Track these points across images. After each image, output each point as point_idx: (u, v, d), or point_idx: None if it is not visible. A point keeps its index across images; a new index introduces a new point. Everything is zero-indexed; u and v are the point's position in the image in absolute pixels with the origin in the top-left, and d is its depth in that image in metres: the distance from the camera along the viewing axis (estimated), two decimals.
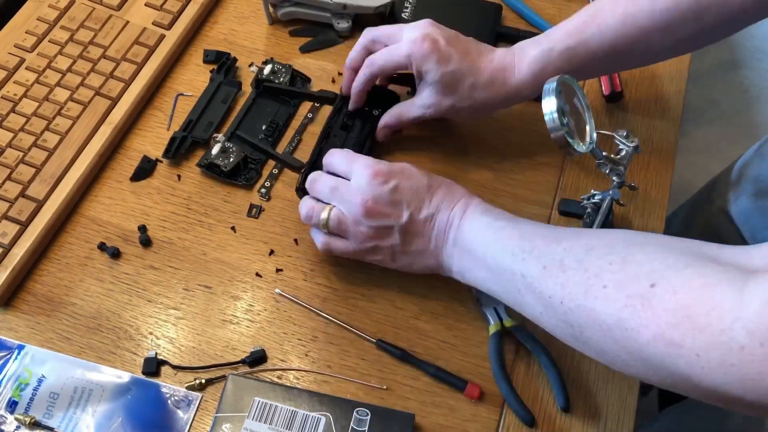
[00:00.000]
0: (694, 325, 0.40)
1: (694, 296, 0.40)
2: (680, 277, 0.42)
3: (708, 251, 0.45)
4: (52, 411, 0.58)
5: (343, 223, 0.60)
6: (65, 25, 0.76)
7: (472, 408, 0.60)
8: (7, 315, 0.62)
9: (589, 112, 0.64)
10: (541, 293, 0.51)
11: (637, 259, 0.45)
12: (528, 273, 0.52)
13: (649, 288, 0.43)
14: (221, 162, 0.69)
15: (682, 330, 0.40)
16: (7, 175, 0.66)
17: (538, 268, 0.51)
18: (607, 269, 0.46)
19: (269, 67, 0.76)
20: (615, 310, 0.44)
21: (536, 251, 0.52)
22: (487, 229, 0.56)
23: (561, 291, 0.49)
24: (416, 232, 0.59)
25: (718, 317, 0.39)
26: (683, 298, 0.41)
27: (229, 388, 0.58)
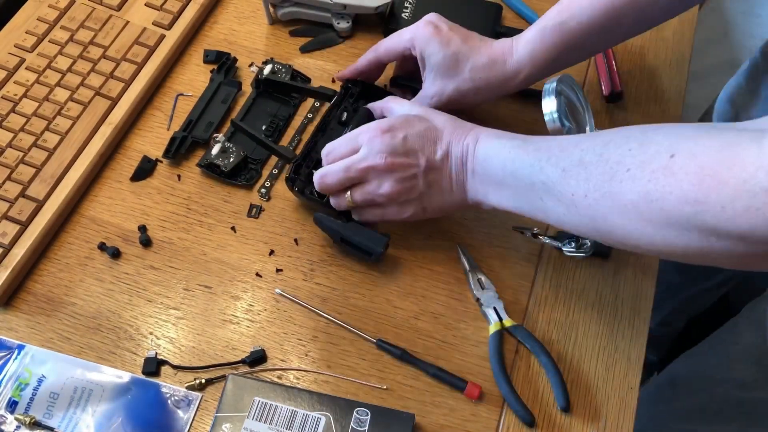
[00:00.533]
0: (718, 181, 0.41)
1: (715, 156, 0.42)
2: (698, 143, 0.44)
3: (723, 126, 0.46)
4: (52, 411, 0.58)
5: (369, 192, 0.62)
6: (65, 25, 0.76)
7: (472, 408, 0.60)
8: (7, 315, 0.62)
9: (589, 112, 0.64)
10: (562, 194, 0.52)
11: (656, 140, 0.47)
12: (548, 179, 0.53)
13: (669, 159, 0.44)
14: (221, 162, 0.69)
15: (706, 187, 0.42)
16: (7, 175, 0.66)
17: (557, 172, 0.53)
18: (627, 155, 0.48)
19: (269, 67, 0.76)
20: (640, 186, 0.46)
21: (553, 158, 0.53)
22: (501, 149, 0.58)
23: (585, 185, 0.50)
24: (437, 173, 0.60)
25: (741, 169, 0.40)
26: (703, 160, 0.43)
27: (229, 388, 0.58)
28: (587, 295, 0.66)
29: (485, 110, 0.77)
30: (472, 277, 0.65)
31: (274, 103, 0.76)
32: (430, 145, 0.60)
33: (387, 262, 0.66)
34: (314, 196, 0.67)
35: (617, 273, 0.67)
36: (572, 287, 0.67)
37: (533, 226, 0.67)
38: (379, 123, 0.61)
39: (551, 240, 0.65)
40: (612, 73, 0.78)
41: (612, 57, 0.79)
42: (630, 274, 0.67)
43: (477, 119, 0.76)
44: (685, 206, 0.43)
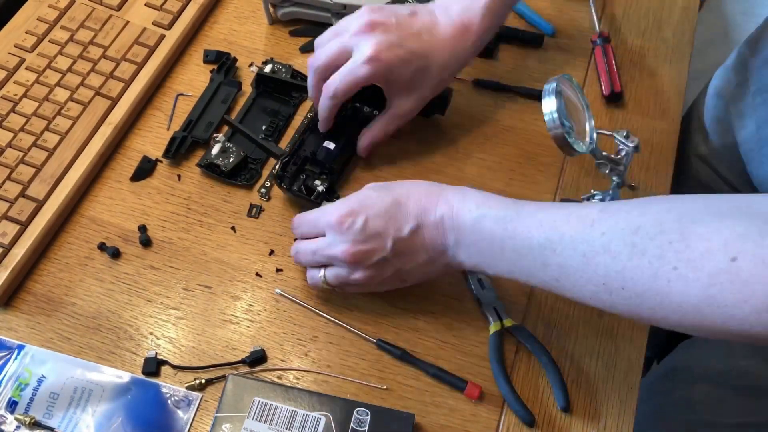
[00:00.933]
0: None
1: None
2: (762, 247, 0.42)
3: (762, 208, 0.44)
4: (52, 411, 0.58)
5: (341, 277, 0.59)
6: (65, 25, 0.76)
7: (472, 408, 0.60)
8: (7, 315, 0.62)
9: (588, 112, 0.64)
10: (588, 280, 0.49)
11: (700, 233, 0.44)
12: (565, 263, 0.50)
13: (731, 262, 0.42)
14: (221, 162, 0.69)
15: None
16: (7, 175, 0.66)
17: (576, 257, 0.49)
18: (669, 249, 0.45)
19: (269, 67, 0.76)
20: (698, 290, 0.44)
21: (567, 239, 0.50)
22: (494, 225, 0.54)
23: (618, 277, 0.47)
24: (410, 250, 0.57)
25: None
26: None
27: (229, 388, 0.58)
28: None
29: (484, 112, 0.77)
30: (472, 277, 0.65)
31: (274, 103, 0.76)
32: (394, 223, 0.56)
33: None
34: (302, 193, 0.67)
35: None
36: None
37: None
38: (339, 207, 0.58)
39: None
40: (612, 73, 0.78)
41: (612, 57, 0.79)
42: None
43: (474, 119, 0.76)
44: (766, 314, 0.41)
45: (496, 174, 0.73)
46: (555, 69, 0.80)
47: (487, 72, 0.80)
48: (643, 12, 0.87)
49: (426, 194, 0.57)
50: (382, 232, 0.56)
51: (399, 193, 0.58)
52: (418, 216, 0.56)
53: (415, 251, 0.57)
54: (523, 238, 0.52)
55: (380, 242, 0.57)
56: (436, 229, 0.56)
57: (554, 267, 0.51)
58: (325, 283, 0.60)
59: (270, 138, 0.73)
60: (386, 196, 0.57)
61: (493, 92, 0.78)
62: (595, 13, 0.83)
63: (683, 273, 0.44)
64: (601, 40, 0.80)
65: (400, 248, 0.57)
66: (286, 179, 0.68)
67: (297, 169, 0.69)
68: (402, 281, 0.60)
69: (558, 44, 0.83)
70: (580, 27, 0.84)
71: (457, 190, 0.57)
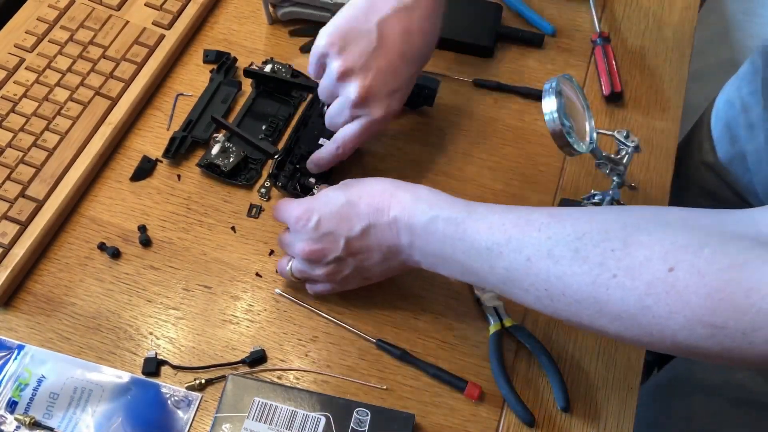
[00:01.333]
0: (734, 308, 0.40)
1: (726, 278, 0.40)
2: (700, 257, 0.41)
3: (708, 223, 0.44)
4: (52, 411, 0.58)
5: (303, 271, 0.61)
6: (65, 25, 0.76)
7: (472, 408, 0.60)
8: (7, 315, 0.62)
9: (588, 112, 0.64)
10: (531, 284, 0.49)
11: (643, 241, 0.44)
12: (510, 266, 0.50)
13: (669, 272, 0.42)
14: (221, 162, 0.69)
15: (722, 313, 0.40)
16: (7, 175, 0.66)
17: (521, 260, 0.49)
18: (611, 256, 0.45)
19: (269, 67, 0.76)
20: (635, 298, 0.43)
21: (514, 242, 0.50)
22: (446, 226, 0.53)
23: (559, 283, 0.47)
24: (363, 249, 0.57)
25: (760, 297, 0.39)
26: (713, 281, 0.40)
27: (229, 388, 0.58)
28: None
29: (484, 112, 0.77)
30: None
31: (274, 103, 0.76)
32: (346, 222, 0.57)
33: None
34: (298, 192, 0.68)
35: None
36: None
37: None
38: (298, 205, 0.59)
39: None
40: (612, 73, 0.78)
41: (612, 57, 0.79)
42: None
43: (474, 119, 0.76)
44: (699, 327, 0.41)
45: (496, 174, 0.73)
46: (555, 69, 0.80)
47: (486, 72, 0.80)
48: (643, 12, 0.87)
49: (380, 194, 0.57)
50: (334, 232, 0.57)
51: (352, 193, 0.58)
52: (370, 215, 0.56)
53: (368, 250, 0.57)
54: (472, 240, 0.52)
55: (332, 242, 0.57)
56: (389, 230, 0.56)
57: (500, 270, 0.51)
58: (292, 275, 0.62)
59: (269, 138, 0.73)
60: (341, 196, 0.58)
61: (493, 92, 0.78)
62: (595, 13, 0.83)
63: (622, 281, 0.44)
64: (601, 40, 0.80)
65: (352, 248, 0.57)
66: (282, 178, 0.68)
67: (293, 168, 0.69)
68: (365, 279, 0.61)
69: (558, 44, 0.83)
70: (580, 27, 0.84)
71: (410, 190, 0.56)
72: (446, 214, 0.54)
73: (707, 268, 0.41)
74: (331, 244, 0.58)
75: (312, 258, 0.59)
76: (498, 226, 0.51)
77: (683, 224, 0.44)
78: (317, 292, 0.63)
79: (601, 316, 0.46)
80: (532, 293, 0.50)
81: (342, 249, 0.57)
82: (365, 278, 0.61)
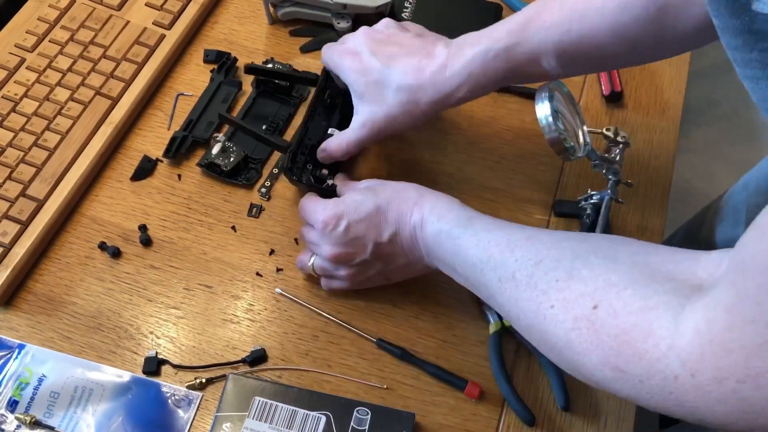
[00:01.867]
0: (634, 352, 0.39)
1: (633, 321, 0.40)
2: (620, 298, 0.41)
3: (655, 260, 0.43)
4: (53, 410, 0.58)
5: (326, 269, 0.62)
6: (66, 25, 0.76)
7: (472, 407, 0.60)
8: (7, 314, 0.62)
9: (580, 116, 0.64)
10: (501, 305, 0.50)
11: (582, 276, 0.44)
12: (489, 284, 0.51)
13: (592, 310, 0.42)
14: (221, 162, 0.69)
15: (624, 357, 0.40)
16: (8, 175, 0.66)
17: (494, 280, 0.50)
18: (554, 287, 0.45)
19: (269, 67, 0.76)
20: (563, 332, 0.44)
21: (492, 261, 0.51)
22: (446, 240, 0.55)
23: (515, 307, 0.48)
24: (391, 254, 0.59)
25: (654, 344, 0.38)
26: (623, 322, 0.40)
27: (229, 387, 0.58)
28: None
29: (484, 112, 0.77)
30: None
31: (274, 103, 0.76)
32: (375, 228, 0.58)
33: None
34: (314, 184, 0.67)
35: None
36: None
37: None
38: (327, 208, 0.59)
39: None
40: (612, 73, 0.78)
41: None
42: None
43: (474, 119, 0.76)
44: (606, 369, 0.41)
45: (496, 174, 0.73)
46: None
47: None
48: None
49: (405, 201, 0.58)
50: (363, 237, 0.58)
51: (381, 199, 0.58)
52: (397, 223, 0.57)
53: (395, 255, 0.59)
54: (465, 255, 0.53)
55: (361, 246, 0.58)
56: (411, 238, 0.57)
57: (483, 287, 0.52)
58: (313, 270, 0.62)
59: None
60: (369, 201, 0.58)
61: (493, 92, 0.78)
62: None
63: (556, 313, 0.44)
64: None
65: (380, 252, 0.59)
66: (296, 170, 0.67)
67: (305, 160, 0.68)
68: (387, 279, 0.62)
69: None
70: None
71: (431, 200, 0.57)
72: (448, 227, 0.55)
73: (622, 309, 0.41)
74: (359, 249, 0.58)
75: (339, 261, 0.59)
76: (484, 244, 0.52)
77: (628, 260, 0.44)
78: (332, 289, 0.64)
79: (542, 344, 0.47)
80: (504, 312, 0.51)
81: (370, 253, 0.58)
82: (387, 279, 0.62)
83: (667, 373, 0.38)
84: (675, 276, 0.41)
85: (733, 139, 1.82)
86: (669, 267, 0.42)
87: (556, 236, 0.50)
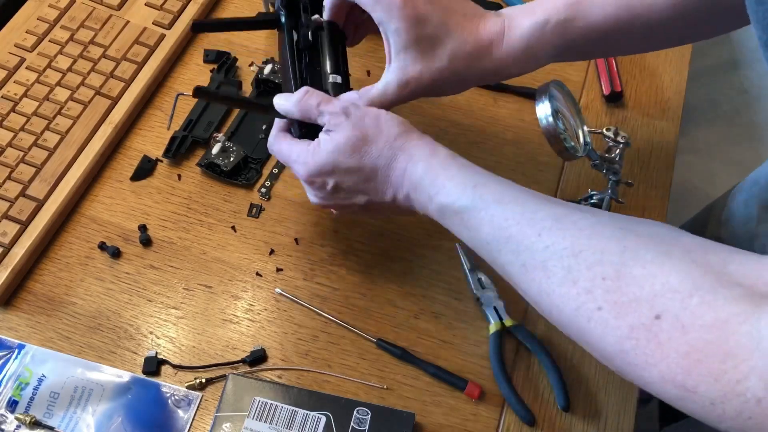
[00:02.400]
0: (709, 372, 0.36)
1: (706, 338, 0.36)
2: (686, 307, 0.38)
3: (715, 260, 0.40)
4: (53, 410, 0.58)
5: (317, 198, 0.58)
6: (65, 25, 0.76)
7: (472, 407, 0.60)
8: (7, 314, 0.62)
9: (580, 116, 0.64)
10: (524, 290, 0.47)
11: (635, 275, 0.40)
12: (508, 266, 0.48)
13: (654, 320, 0.39)
14: (221, 161, 0.69)
15: (696, 376, 0.37)
16: (8, 175, 0.66)
17: (516, 265, 0.47)
18: (600, 285, 0.41)
19: (269, 66, 0.76)
20: (615, 339, 0.40)
21: (512, 242, 0.47)
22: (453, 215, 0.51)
23: (546, 299, 0.45)
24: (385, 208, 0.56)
25: (734, 366, 0.35)
26: (694, 339, 0.37)
27: (229, 387, 0.58)
28: None
29: (484, 112, 0.77)
30: (472, 277, 0.65)
31: None
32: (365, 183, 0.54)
33: (387, 262, 0.66)
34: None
35: None
36: None
37: None
38: (307, 168, 0.54)
39: None
40: (612, 73, 0.78)
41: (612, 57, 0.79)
42: None
43: (474, 119, 0.76)
44: (670, 386, 0.38)
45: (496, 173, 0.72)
46: (555, 69, 0.80)
47: None
48: None
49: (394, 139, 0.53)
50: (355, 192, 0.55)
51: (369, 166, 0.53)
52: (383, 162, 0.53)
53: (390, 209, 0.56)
54: (476, 231, 0.50)
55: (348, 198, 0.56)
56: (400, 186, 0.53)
57: (500, 265, 0.49)
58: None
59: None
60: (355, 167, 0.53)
61: (493, 92, 0.78)
62: None
63: (605, 317, 0.41)
64: None
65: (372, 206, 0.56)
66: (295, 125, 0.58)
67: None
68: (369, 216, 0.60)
69: None
70: None
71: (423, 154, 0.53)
72: (449, 201, 0.50)
73: (691, 322, 0.37)
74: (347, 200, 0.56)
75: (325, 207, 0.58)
76: (499, 222, 0.48)
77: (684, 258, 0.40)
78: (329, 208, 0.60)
79: (582, 341, 0.44)
80: (529, 298, 0.48)
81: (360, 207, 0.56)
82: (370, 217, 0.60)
83: (748, 397, 0.34)
84: (740, 280, 0.38)
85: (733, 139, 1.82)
86: (732, 269, 0.39)
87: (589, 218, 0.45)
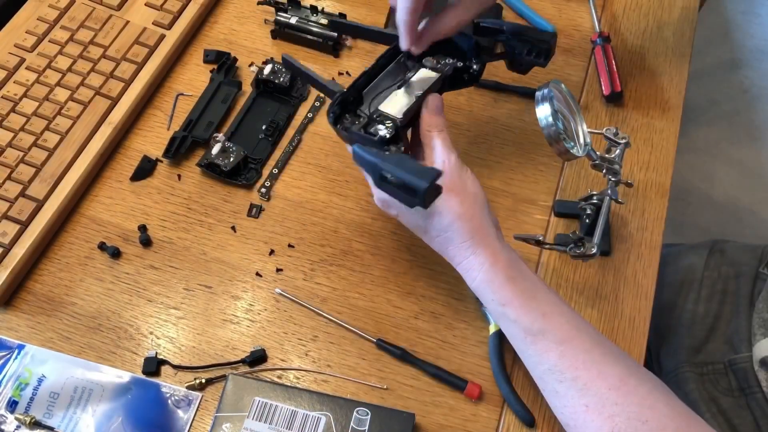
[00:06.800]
0: None
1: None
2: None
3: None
4: (53, 411, 0.58)
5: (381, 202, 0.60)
6: (65, 25, 0.76)
7: (472, 408, 0.60)
8: (7, 315, 0.62)
9: (580, 116, 0.64)
10: (572, 421, 0.52)
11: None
12: (565, 397, 0.53)
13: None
14: (221, 162, 0.69)
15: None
16: (8, 175, 0.66)
17: (577, 400, 0.52)
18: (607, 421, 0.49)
19: (269, 66, 0.76)
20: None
21: (580, 382, 0.52)
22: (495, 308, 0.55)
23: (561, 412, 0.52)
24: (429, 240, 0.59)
25: None
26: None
27: (229, 387, 0.58)
28: (587, 294, 0.66)
29: (484, 112, 0.77)
30: None
31: (274, 103, 0.76)
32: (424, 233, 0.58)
33: (387, 262, 0.66)
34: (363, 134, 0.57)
35: (618, 272, 0.67)
36: (572, 287, 0.67)
37: (536, 234, 0.67)
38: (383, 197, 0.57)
39: (556, 246, 0.65)
40: (612, 73, 0.78)
41: (612, 57, 0.79)
42: (630, 273, 0.67)
43: (474, 119, 0.76)
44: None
45: (496, 174, 0.73)
46: (555, 69, 0.80)
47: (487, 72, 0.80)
48: (643, 12, 0.87)
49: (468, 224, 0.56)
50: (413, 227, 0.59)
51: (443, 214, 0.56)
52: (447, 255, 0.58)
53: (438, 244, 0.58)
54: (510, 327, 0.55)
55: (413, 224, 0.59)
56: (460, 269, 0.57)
57: (551, 389, 0.54)
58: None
59: (269, 138, 0.73)
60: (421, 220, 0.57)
61: (493, 92, 0.78)
62: (595, 13, 0.84)
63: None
64: (601, 39, 0.80)
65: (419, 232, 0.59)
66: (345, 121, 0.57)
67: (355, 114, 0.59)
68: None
69: (558, 44, 0.82)
70: (580, 27, 0.84)
71: (488, 253, 0.56)
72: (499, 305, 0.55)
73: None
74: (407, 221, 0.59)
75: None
76: (570, 361, 0.53)
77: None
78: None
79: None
80: (569, 425, 0.53)
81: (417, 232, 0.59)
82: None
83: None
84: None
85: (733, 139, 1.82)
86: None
87: (646, 384, 0.51)
